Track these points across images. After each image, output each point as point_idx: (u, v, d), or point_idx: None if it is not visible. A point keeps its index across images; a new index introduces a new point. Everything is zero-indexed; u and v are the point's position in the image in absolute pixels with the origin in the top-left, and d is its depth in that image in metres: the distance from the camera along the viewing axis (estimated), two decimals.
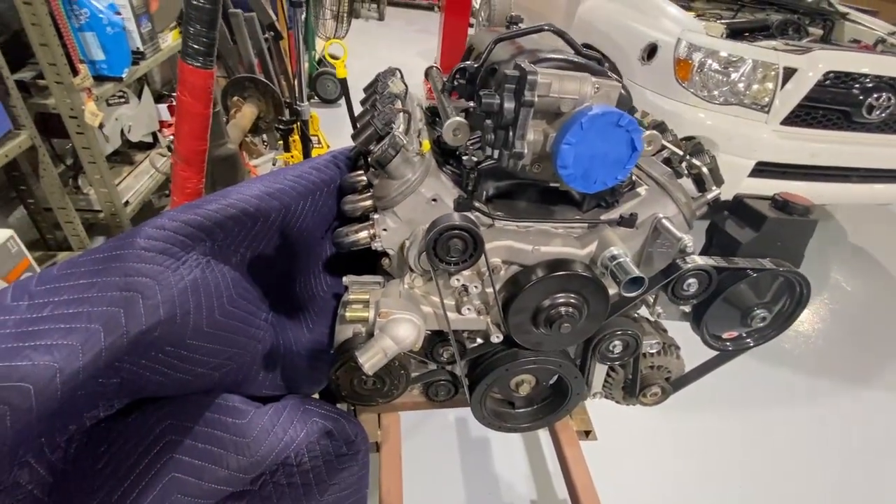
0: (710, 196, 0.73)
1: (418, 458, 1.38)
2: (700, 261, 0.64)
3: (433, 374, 0.79)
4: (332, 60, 0.87)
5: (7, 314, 0.51)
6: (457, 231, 0.57)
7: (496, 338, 0.71)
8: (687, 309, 0.74)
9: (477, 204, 0.70)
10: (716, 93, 2.10)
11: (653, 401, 0.83)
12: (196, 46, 0.71)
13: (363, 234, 0.72)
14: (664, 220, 0.71)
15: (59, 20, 1.29)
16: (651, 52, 2.25)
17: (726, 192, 2.34)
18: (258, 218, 0.77)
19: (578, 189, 0.59)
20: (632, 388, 0.81)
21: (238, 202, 0.74)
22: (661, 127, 0.85)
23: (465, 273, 0.67)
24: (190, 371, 0.65)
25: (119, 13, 1.62)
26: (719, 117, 2.10)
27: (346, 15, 3.66)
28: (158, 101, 2.16)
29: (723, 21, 2.52)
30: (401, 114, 0.75)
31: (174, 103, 2.30)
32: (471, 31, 4.33)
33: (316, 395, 0.92)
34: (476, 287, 0.67)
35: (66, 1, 1.34)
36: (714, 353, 0.80)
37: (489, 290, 0.68)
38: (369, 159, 0.70)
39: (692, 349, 0.86)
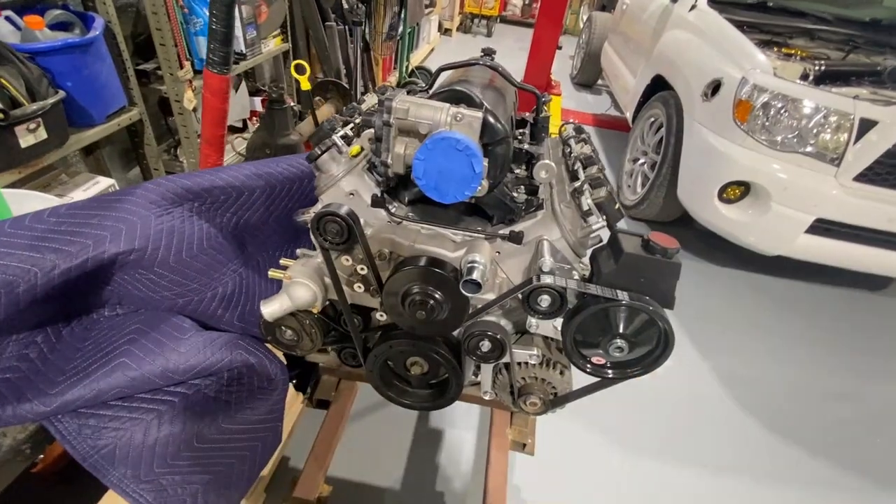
0: (594, 227, 0.78)
1: (372, 429, 1.54)
2: (549, 279, 0.71)
3: (343, 341, 0.94)
4: (297, 76, 1.02)
5: (40, 223, 0.78)
6: (330, 217, 0.72)
7: (380, 315, 0.84)
8: (557, 325, 0.80)
9: (394, 204, 0.84)
10: (778, 138, 1.95)
11: (533, 410, 0.89)
12: (214, 58, 0.95)
13: (309, 215, 0.90)
14: (544, 242, 0.79)
15: (175, 27, 1.69)
16: (715, 89, 2.15)
17: (779, 248, 2.16)
18: (243, 191, 1.00)
19: (436, 199, 0.70)
20: (512, 393, 0.88)
21: (227, 177, 0.98)
22: (589, 160, 0.91)
23: (360, 256, 0.82)
24: (157, 292, 0.88)
25: None
26: (777, 164, 1.94)
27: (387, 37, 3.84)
28: (255, 94, 2.60)
29: (826, 62, 2.29)
30: (349, 124, 0.92)
31: (267, 97, 2.74)
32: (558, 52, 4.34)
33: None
34: (362, 269, 0.81)
35: (184, 13, 1.75)
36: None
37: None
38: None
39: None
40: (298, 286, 0.81)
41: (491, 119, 0.71)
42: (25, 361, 0.81)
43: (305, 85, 1.21)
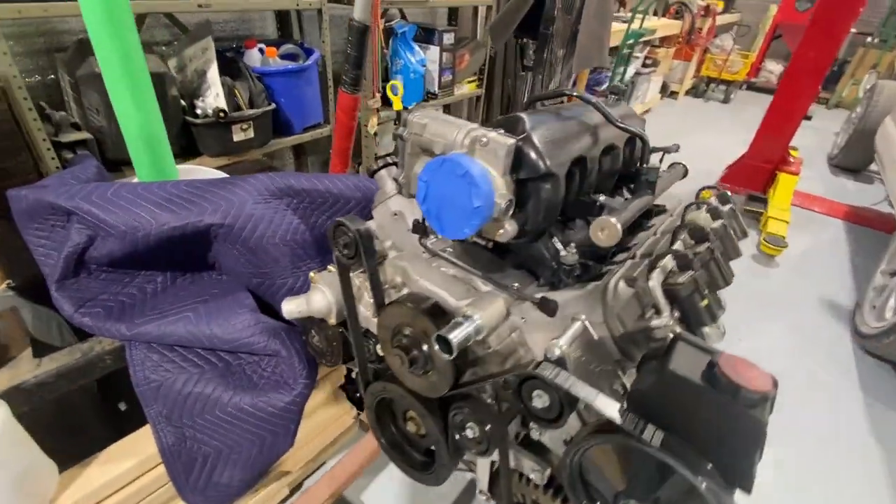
0: (652, 324, 0.55)
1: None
2: (548, 371, 0.51)
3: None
4: (392, 96, 1.02)
5: (175, 189, 0.97)
6: (342, 228, 0.68)
7: (379, 349, 0.75)
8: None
9: (437, 235, 0.77)
10: None
11: None
12: (347, 79, 1.06)
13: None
14: (579, 322, 0.59)
15: (375, 66, 1.99)
16: None
17: None
18: (339, 199, 1.07)
19: (437, 231, 0.59)
20: None
21: (328, 183, 1.06)
22: (701, 235, 0.66)
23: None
24: (236, 266, 1.00)
25: (425, 65, 2.30)
26: None
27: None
28: None
29: None
30: None
31: None
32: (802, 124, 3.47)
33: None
34: (367, 293, 0.74)
35: (387, 56, 2.05)
36: None
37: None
38: None
39: None
40: (317, 291, 0.80)
41: (530, 151, 0.57)
42: (141, 293, 1.01)
43: (398, 105, 1.28)
